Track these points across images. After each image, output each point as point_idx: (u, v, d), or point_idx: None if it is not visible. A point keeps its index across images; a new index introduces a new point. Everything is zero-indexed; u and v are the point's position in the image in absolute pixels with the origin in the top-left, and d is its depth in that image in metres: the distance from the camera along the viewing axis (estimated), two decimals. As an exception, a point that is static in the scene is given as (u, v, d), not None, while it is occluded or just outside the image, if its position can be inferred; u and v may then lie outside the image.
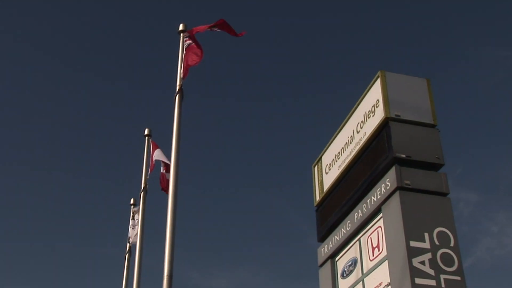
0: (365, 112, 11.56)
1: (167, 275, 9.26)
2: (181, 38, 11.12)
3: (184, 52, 10.98)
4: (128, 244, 16.57)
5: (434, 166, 10.47)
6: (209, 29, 11.04)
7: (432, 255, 9.33)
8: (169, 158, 11.04)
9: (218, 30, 11.03)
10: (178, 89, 10.57)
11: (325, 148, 13.48)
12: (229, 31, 11.12)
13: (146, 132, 15.37)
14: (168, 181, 12.17)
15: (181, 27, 11.24)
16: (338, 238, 12.02)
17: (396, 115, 10.61)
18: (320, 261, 12.78)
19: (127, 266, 16.40)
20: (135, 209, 15.98)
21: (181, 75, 10.61)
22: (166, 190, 12.15)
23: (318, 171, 13.56)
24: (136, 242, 14.63)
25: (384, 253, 10.29)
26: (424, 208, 9.93)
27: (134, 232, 15.31)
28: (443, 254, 9.41)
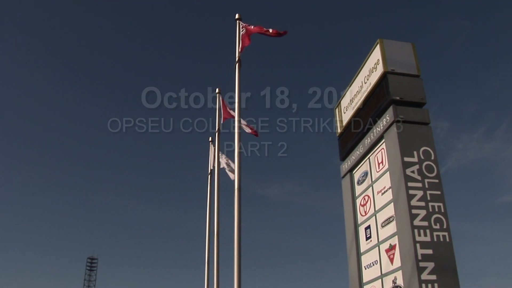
0: (370, 68, 12.34)
1: (237, 188, 11.15)
2: (237, 24, 12.11)
3: (242, 33, 11.93)
4: (209, 168, 18.25)
5: (419, 104, 11.21)
6: (258, 32, 11.72)
7: (419, 166, 10.46)
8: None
9: (266, 34, 11.69)
10: (237, 60, 11.76)
11: (342, 95, 14.24)
12: (275, 34, 11.67)
13: (216, 90, 16.44)
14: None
15: (237, 16, 12.21)
16: (354, 158, 13.16)
17: (392, 70, 11.45)
18: (342, 173, 13.98)
19: (209, 184, 17.96)
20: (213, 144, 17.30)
21: (239, 50, 11.72)
22: (256, 133, 13.58)
23: (338, 111, 14.42)
24: (214, 167, 16.25)
25: (386, 166, 11.28)
26: (413, 134, 10.81)
27: (213, 160, 16.83)
28: (426, 165, 10.50)
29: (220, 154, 16.16)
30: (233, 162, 12.99)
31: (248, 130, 13.65)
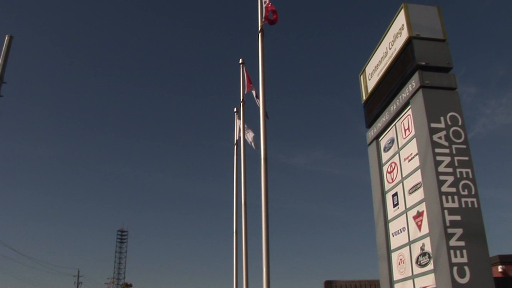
0: (394, 34, 12.18)
1: (263, 157, 11.18)
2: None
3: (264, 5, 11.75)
4: (235, 139, 18.39)
5: (445, 69, 10.99)
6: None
7: (446, 132, 10.31)
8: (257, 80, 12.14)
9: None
10: (260, 29, 11.69)
11: (367, 62, 14.11)
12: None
13: (240, 61, 16.48)
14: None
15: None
16: (380, 125, 13.08)
17: (417, 34, 11.23)
18: (368, 141, 13.95)
19: (236, 155, 18.19)
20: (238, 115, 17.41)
21: (262, 19, 11.63)
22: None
23: (363, 78, 14.33)
24: (240, 137, 16.35)
25: (413, 132, 11.18)
26: (439, 99, 10.65)
27: (239, 130, 16.94)
28: (454, 131, 10.35)
29: (245, 126, 16.21)
30: (257, 132, 13.03)
31: (259, 104, 13.68)
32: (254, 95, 14.82)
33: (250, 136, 15.88)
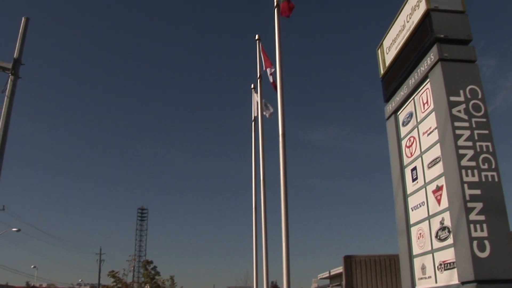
0: (412, 6, 11.98)
1: (281, 134, 11.21)
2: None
3: None
4: (252, 115, 18.39)
5: (464, 42, 10.81)
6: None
7: (466, 105, 10.19)
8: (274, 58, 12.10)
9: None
10: (276, 4, 11.75)
11: (385, 36, 13.94)
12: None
13: (256, 37, 16.42)
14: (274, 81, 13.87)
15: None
16: (398, 99, 12.97)
17: (435, 6, 11.03)
18: (386, 115, 13.83)
19: (254, 131, 18.21)
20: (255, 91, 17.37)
21: None
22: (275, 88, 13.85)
23: (381, 52, 14.17)
24: (258, 114, 16.29)
25: (432, 106, 11.08)
26: (459, 72, 10.52)
27: (256, 107, 16.92)
28: (473, 104, 10.23)
29: (263, 101, 16.22)
30: (275, 108, 13.07)
31: (271, 79, 13.67)
32: (268, 73, 14.78)
33: (268, 112, 15.86)
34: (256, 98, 16.83)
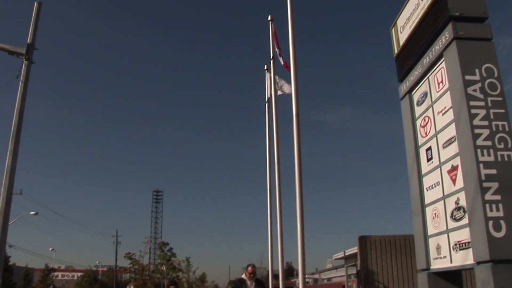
0: None
1: (295, 114, 11.20)
2: None
3: None
4: (266, 97, 18.37)
5: (480, 20, 10.64)
6: None
7: (481, 84, 10.08)
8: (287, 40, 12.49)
9: None
10: None
11: (398, 15, 13.79)
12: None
13: (269, 18, 16.40)
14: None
15: None
16: (412, 78, 12.86)
17: None
18: (401, 95, 13.73)
19: (267, 113, 18.19)
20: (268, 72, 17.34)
21: None
22: (288, 67, 13.82)
23: (395, 31, 14.04)
24: (271, 95, 16.31)
25: (447, 85, 10.98)
26: (474, 50, 10.39)
27: (270, 87, 16.92)
28: (489, 83, 10.12)
29: (276, 80, 16.17)
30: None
31: (281, 61, 13.61)
32: (278, 53, 14.73)
33: (286, 87, 15.77)
34: (269, 79, 16.76)
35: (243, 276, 11.94)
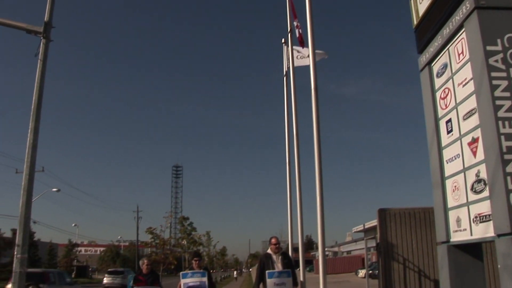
0: None
1: (313, 87, 11.17)
2: None
3: None
4: (284, 70, 18.33)
5: None
6: None
7: (503, 54, 9.89)
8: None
9: None
10: None
11: None
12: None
13: None
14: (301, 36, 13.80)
15: None
16: (432, 49, 12.66)
17: None
18: (420, 67, 13.52)
19: (285, 86, 18.27)
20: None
21: None
22: (302, 43, 13.76)
23: (414, 2, 13.76)
24: (289, 68, 16.16)
25: (467, 56, 10.81)
26: (496, 20, 10.15)
27: (287, 60, 16.89)
28: (511, 53, 9.95)
29: (298, 49, 16.06)
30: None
31: (297, 33, 13.49)
32: (295, 26, 14.60)
33: (305, 51, 15.64)
34: (287, 52, 16.62)
35: (268, 251, 11.66)
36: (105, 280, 49.09)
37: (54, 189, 58.56)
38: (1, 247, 56.89)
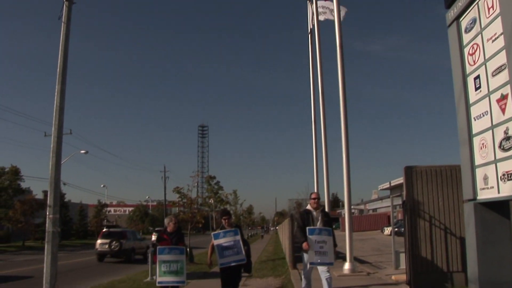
0: None
1: (339, 45, 11.06)
2: None
3: None
4: (308, 28, 18.28)
5: None
6: None
7: (535, 7, 9.41)
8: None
9: None
10: None
11: None
12: None
13: None
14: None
15: None
16: (460, 4, 12.38)
17: None
18: (448, 22, 13.21)
19: (310, 44, 18.19)
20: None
21: None
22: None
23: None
24: (314, 26, 15.81)
25: (498, 10, 10.49)
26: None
27: (312, 18, 16.72)
28: (543, 5, 9.42)
29: (324, 4, 15.81)
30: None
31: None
32: None
33: (330, 5, 15.42)
34: (312, 9, 16.36)
35: (308, 207, 11.23)
36: (98, 246, 33.82)
37: (82, 151, 59.68)
38: (34, 208, 58.61)
